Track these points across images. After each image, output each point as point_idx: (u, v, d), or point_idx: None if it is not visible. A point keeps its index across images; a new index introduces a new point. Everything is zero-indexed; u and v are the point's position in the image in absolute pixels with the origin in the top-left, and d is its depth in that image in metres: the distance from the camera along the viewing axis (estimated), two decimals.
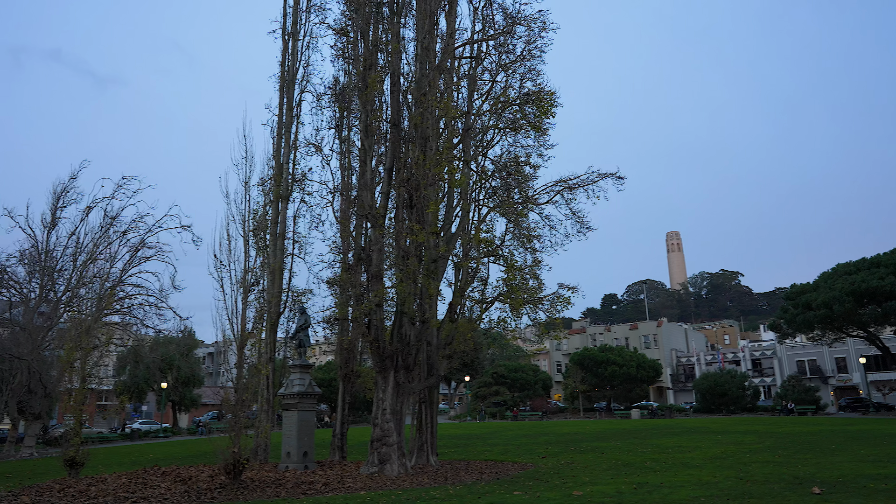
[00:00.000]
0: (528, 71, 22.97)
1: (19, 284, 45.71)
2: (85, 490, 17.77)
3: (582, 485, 15.71)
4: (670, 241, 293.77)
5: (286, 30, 30.34)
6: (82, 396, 23.83)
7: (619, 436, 35.04)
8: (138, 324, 46.49)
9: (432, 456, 22.50)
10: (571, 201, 21.96)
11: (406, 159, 22.44)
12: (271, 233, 28.22)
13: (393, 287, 21.85)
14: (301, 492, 16.42)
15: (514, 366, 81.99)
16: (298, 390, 22.41)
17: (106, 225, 44.04)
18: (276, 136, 29.42)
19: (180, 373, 67.06)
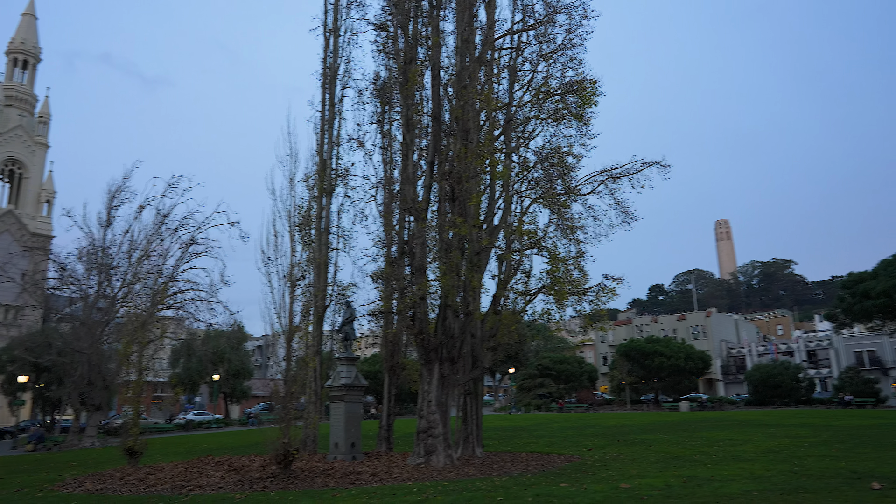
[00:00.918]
0: (570, 60, 22.72)
1: (78, 281, 47.61)
2: (144, 478, 18.49)
3: (629, 477, 15.56)
4: (719, 230, 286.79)
5: (327, 27, 30.64)
6: (139, 388, 24.72)
7: (667, 428, 34.50)
8: (190, 318, 47.88)
9: (478, 447, 22.58)
10: (615, 191, 21.65)
11: (447, 152, 22.47)
12: (316, 228, 28.64)
13: (436, 280, 21.96)
14: (349, 482, 16.71)
15: (559, 357, 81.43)
16: (345, 382, 22.77)
17: (158, 222, 45.40)
18: (319, 133, 29.79)
19: (231, 365, 68.78)
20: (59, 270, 49.12)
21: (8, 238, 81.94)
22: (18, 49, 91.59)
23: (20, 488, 18.54)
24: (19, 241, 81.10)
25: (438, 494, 13.78)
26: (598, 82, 21.51)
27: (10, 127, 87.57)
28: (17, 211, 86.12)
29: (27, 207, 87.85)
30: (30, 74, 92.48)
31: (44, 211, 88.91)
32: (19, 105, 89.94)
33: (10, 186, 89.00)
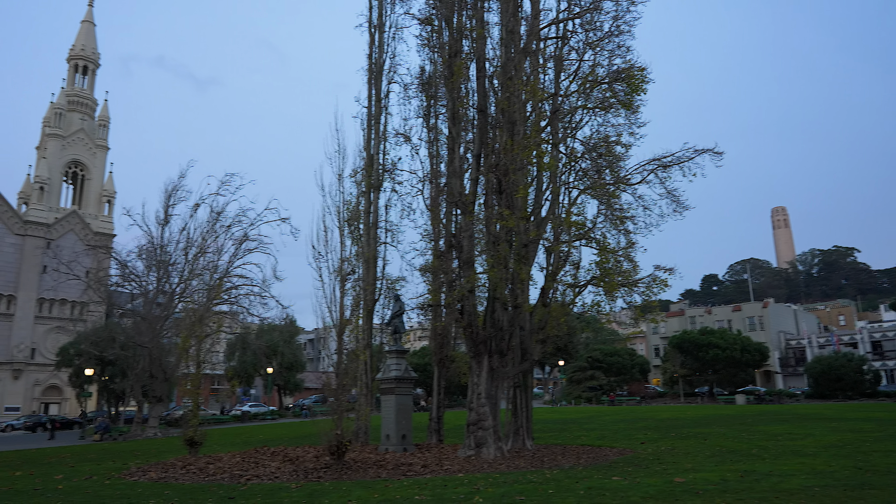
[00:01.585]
0: (617, 47, 22.31)
1: (139, 278, 49.47)
2: (204, 467, 19.13)
3: (684, 471, 15.29)
4: (776, 218, 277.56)
5: (372, 22, 30.87)
6: (198, 381, 25.56)
7: (722, 422, 33.70)
8: (245, 312, 49.25)
9: (528, 440, 22.54)
10: (666, 180, 21.21)
11: (494, 145, 22.40)
12: (364, 222, 28.98)
13: (484, 273, 21.95)
14: (401, 473, 16.93)
15: (609, 350, 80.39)
16: (395, 375, 23.03)
17: (212, 220, 46.80)
18: (366, 128, 30.09)
19: (284, 358, 70.35)
20: (120, 268, 51.13)
21: (73, 237, 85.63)
22: (79, 56, 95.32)
23: (89, 476, 19.45)
24: (83, 240, 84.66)
25: (489, 486, 13.83)
26: (646, 69, 21.10)
27: (72, 131, 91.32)
28: (81, 211, 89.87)
29: (90, 208, 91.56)
30: (89, 80, 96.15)
31: (105, 211, 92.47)
32: (81, 109, 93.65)
33: (73, 188, 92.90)
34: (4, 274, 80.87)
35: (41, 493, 15.95)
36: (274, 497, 13.39)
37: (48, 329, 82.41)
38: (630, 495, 12.03)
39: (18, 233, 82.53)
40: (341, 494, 13.41)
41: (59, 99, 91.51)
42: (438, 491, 13.48)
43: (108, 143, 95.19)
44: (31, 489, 16.78)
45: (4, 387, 78.70)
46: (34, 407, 79.65)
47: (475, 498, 12.30)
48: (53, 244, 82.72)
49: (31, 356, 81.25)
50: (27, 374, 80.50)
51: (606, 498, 11.83)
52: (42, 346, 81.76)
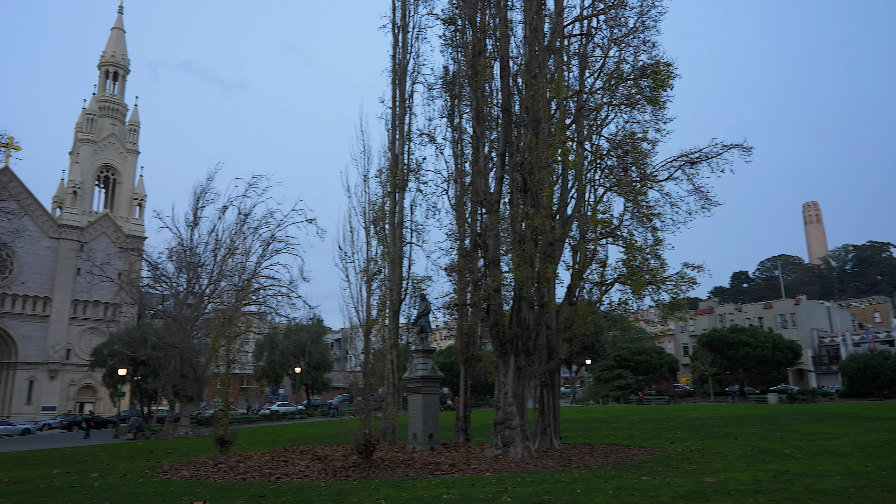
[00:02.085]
0: (643, 43, 22.11)
1: (169, 279, 50.35)
2: (234, 466, 19.41)
3: (715, 471, 15.09)
4: (808, 213, 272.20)
5: (395, 23, 30.99)
6: (228, 380, 25.93)
7: (754, 421, 33.17)
8: (272, 313, 49.86)
9: (556, 439, 22.45)
10: (694, 176, 20.96)
11: (518, 143, 22.34)
12: (390, 223, 29.12)
13: (510, 272, 21.91)
14: (429, 472, 16.98)
15: (637, 348, 79.62)
16: (422, 374, 23.11)
17: (240, 221, 47.43)
18: (391, 129, 30.23)
19: (311, 358, 71.01)
20: (151, 269, 52.12)
21: (105, 240, 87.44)
22: (109, 62, 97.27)
23: (124, 474, 19.85)
24: (115, 242, 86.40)
25: (517, 485, 13.81)
26: (672, 64, 20.89)
27: (104, 136, 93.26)
28: (113, 214, 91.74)
29: (121, 211, 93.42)
30: (120, 85, 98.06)
31: (136, 214, 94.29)
32: (112, 115, 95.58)
33: (105, 192, 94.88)
34: (40, 277, 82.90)
35: (78, 490, 16.33)
36: (304, 495, 13.53)
37: (82, 330, 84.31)
38: (660, 495, 11.91)
39: (53, 236, 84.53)
40: (370, 493, 13.50)
41: (90, 105, 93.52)
42: (466, 490, 13.50)
43: (138, 148, 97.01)
44: (68, 486, 17.19)
45: (41, 387, 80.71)
46: (70, 406, 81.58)
47: (503, 497, 12.29)
48: (87, 247, 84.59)
49: (67, 357, 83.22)
50: (63, 374, 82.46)
51: (636, 498, 11.73)
52: (77, 346, 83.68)
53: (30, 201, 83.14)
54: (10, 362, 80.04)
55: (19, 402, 78.61)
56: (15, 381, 79.27)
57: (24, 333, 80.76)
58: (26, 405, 78.57)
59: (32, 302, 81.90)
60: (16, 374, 79.48)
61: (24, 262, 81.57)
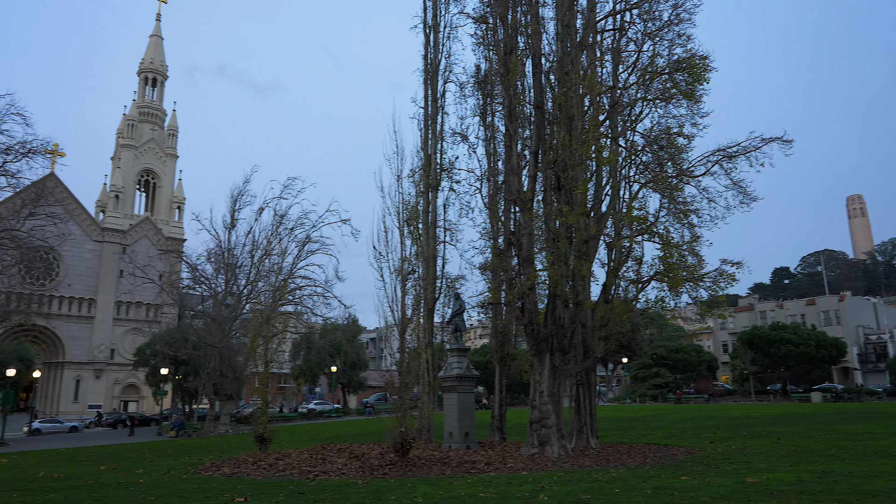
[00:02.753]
0: (677, 36, 21.78)
1: (208, 280, 51.38)
2: (274, 463, 19.74)
3: (757, 471, 14.80)
4: (852, 206, 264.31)
5: (427, 23, 31.11)
6: (266, 379, 26.36)
7: (797, 420, 32.40)
8: (308, 312, 50.54)
9: (592, 438, 22.28)
10: (732, 171, 20.60)
11: (551, 141, 22.22)
12: (423, 222, 29.25)
13: (544, 270, 21.80)
14: (465, 470, 17.02)
15: (674, 346, 78.41)
16: (457, 373, 23.16)
17: (276, 223, 48.17)
18: (423, 128, 30.35)
19: (347, 357, 71.69)
20: (191, 271, 53.30)
21: (146, 243, 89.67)
22: (148, 69, 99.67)
23: (167, 471, 20.36)
24: (156, 245, 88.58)
25: (554, 484, 13.75)
26: (708, 57, 20.53)
27: (143, 141, 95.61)
28: (153, 217, 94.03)
29: (161, 214, 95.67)
30: (158, 91, 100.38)
31: (175, 216, 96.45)
32: (151, 120, 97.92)
33: (146, 195, 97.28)
34: (85, 279, 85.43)
35: (124, 486, 16.81)
36: (342, 493, 13.69)
37: (126, 330, 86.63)
38: (700, 495, 11.74)
39: (97, 239, 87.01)
40: (407, 491, 13.59)
41: (130, 111, 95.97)
42: (503, 488, 13.49)
43: (176, 152, 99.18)
44: (115, 482, 17.71)
45: (87, 386, 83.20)
46: (114, 405, 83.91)
47: (540, 496, 12.25)
48: (129, 250, 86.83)
49: (111, 356, 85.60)
50: (107, 374, 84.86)
51: (675, 498, 11.58)
52: (120, 346, 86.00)
53: (74, 206, 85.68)
54: (58, 362, 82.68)
55: (66, 400, 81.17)
56: (62, 381, 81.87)
57: (71, 334, 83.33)
58: (73, 403, 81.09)
59: (78, 303, 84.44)
60: (63, 374, 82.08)
61: (69, 265, 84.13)
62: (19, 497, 15.29)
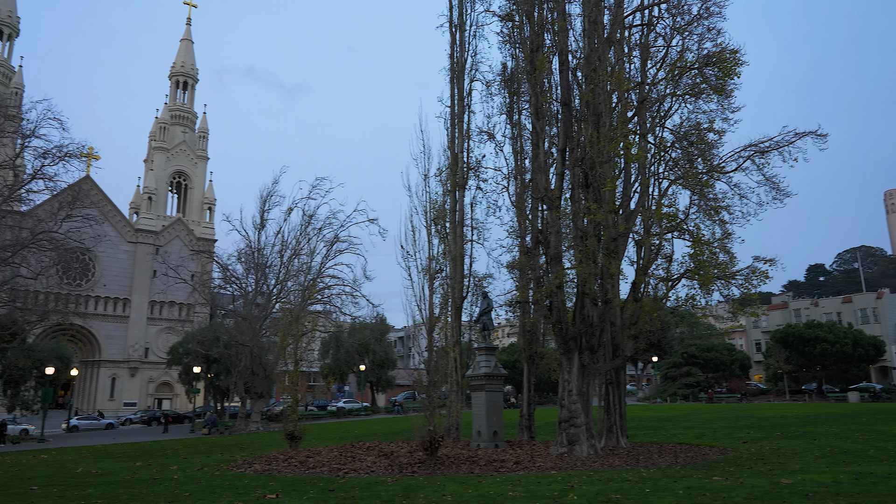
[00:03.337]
0: (707, 30, 21.45)
1: (239, 280, 52.12)
2: (304, 461, 19.97)
3: (791, 472, 14.53)
4: (890, 201, 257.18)
5: (453, 22, 31.10)
6: (296, 378, 26.66)
7: (833, 420, 31.70)
8: (337, 311, 50.96)
9: (622, 438, 22.09)
10: (764, 166, 20.22)
11: (579, 138, 22.06)
12: (450, 221, 29.27)
13: (572, 268, 21.67)
14: (494, 469, 17.02)
15: (706, 345, 77.22)
16: (485, 371, 23.14)
17: (305, 223, 48.67)
18: (450, 127, 30.37)
19: (375, 356, 72.13)
20: (222, 271, 54.12)
21: (179, 243, 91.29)
22: (179, 72, 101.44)
23: (201, 467, 20.74)
24: (188, 245, 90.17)
25: (583, 484, 13.67)
26: (739, 51, 20.20)
27: (175, 143, 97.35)
28: (185, 218, 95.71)
29: (193, 215, 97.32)
30: (189, 94, 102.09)
31: (206, 217, 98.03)
32: (182, 123, 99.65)
33: (177, 197, 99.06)
34: (120, 279, 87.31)
35: (159, 482, 17.16)
36: (371, 490, 13.79)
37: (159, 329, 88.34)
38: (733, 496, 11.57)
39: (131, 240, 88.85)
40: (436, 489, 13.64)
41: (162, 114, 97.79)
42: (532, 487, 13.46)
43: (207, 154, 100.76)
44: (150, 478, 18.09)
45: (123, 383, 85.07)
46: (149, 402, 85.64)
47: (569, 495, 12.19)
48: (162, 250, 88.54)
49: (145, 355, 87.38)
50: (142, 372, 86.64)
51: (707, 498, 11.43)
52: (154, 345, 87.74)
53: (109, 207, 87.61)
54: (95, 360, 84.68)
55: (103, 398, 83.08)
56: (99, 379, 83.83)
57: (107, 333, 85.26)
58: (109, 401, 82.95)
59: (113, 303, 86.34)
60: (99, 372, 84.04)
61: (105, 266, 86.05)
62: (59, 492, 15.71)
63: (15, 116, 45.87)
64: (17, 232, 43.97)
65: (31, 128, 39.48)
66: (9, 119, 43.71)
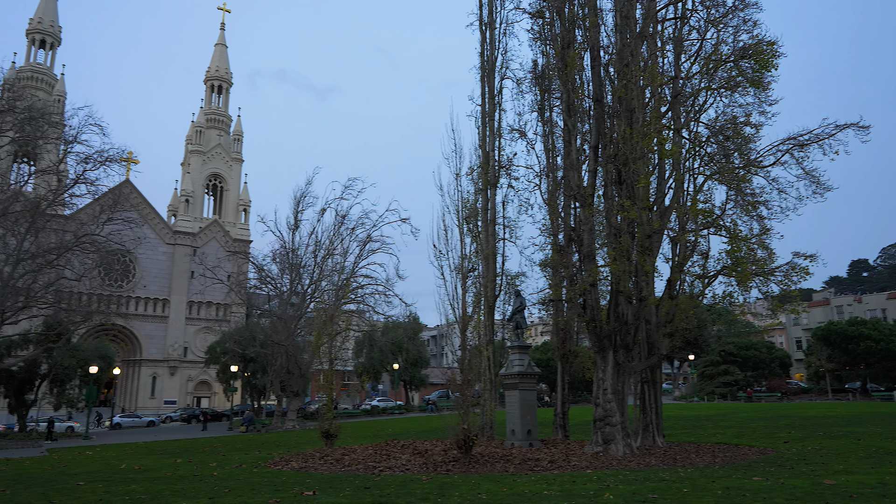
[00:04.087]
0: (743, 22, 21.06)
1: (274, 280, 52.89)
2: (340, 458, 20.19)
3: (835, 473, 14.18)
4: None
5: (482, 20, 31.04)
6: (331, 376, 26.94)
7: (879, 420, 30.81)
8: (370, 311, 51.37)
9: (658, 437, 21.82)
10: (803, 160, 19.79)
11: (612, 134, 21.84)
12: (482, 219, 29.25)
13: (606, 266, 21.47)
14: (528, 468, 16.97)
15: (744, 343, 75.73)
16: (518, 370, 23.08)
17: (338, 223, 49.16)
18: (481, 126, 30.32)
19: (409, 355, 72.50)
20: (257, 271, 54.97)
21: (215, 245, 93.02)
22: (214, 77, 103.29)
23: (239, 464, 21.12)
24: (224, 246, 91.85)
25: (619, 483, 13.56)
26: (776, 43, 19.78)
27: (211, 146, 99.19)
28: (221, 220, 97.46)
29: (228, 216, 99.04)
30: (224, 98, 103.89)
31: (242, 219, 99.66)
32: (217, 126, 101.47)
33: (213, 199, 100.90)
34: (159, 280, 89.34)
35: (199, 478, 17.54)
36: (407, 488, 13.88)
37: (197, 329, 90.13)
38: (773, 497, 11.35)
39: (169, 242, 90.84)
40: (471, 487, 13.66)
41: (198, 118, 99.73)
42: (567, 486, 13.39)
43: (242, 156, 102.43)
44: (191, 475, 18.50)
45: (163, 382, 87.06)
46: (188, 400, 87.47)
47: (605, 494, 12.10)
48: (199, 251, 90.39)
49: (184, 354, 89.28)
50: (181, 371, 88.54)
51: (747, 499, 11.23)
52: (193, 344, 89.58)
53: (148, 210, 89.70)
54: (136, 360, 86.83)
55: (144, 396, 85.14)
56: (140, 377, 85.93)
57: (147, 333, 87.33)
58: (150, 399, 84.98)
59: (153, 303, 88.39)
60: (140, 371, 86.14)
61: (145, 267, 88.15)
62: (104, 487, 16.17)
63: (58, 123, 47.39)
64: (61, 235, 45.36)
65: (73, 134, 40.80)
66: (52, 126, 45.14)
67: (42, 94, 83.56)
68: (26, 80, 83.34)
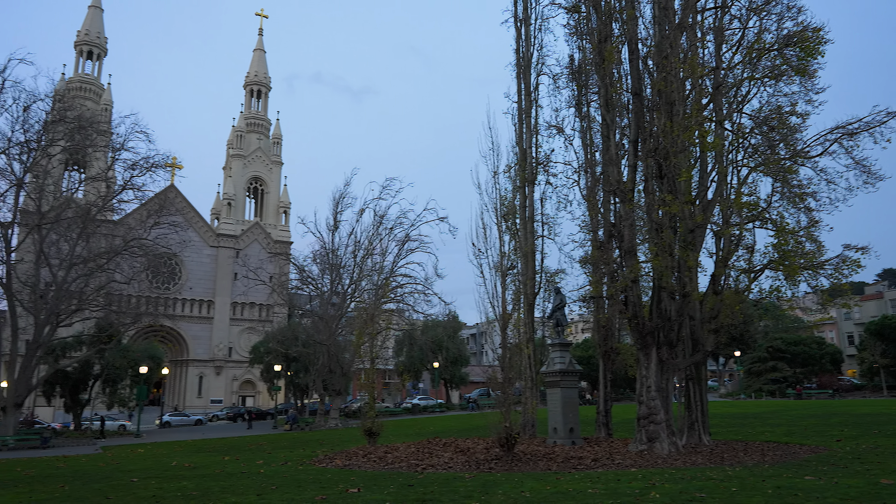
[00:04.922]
0: (787, 9, 20.50)
1: (314, 281, 53.61)
2: (383, 456, 20.38)
3: (891, 473, 13.71)
4: None
5: (517, 16, 30.93)
6: (373, 375, 27.20)
7: None
8: (410, 310, 51.63)
9: (704, 435, 21.41)
10: (853, 149, 19.16)
11: (651, 128, 21.51)
12: (521, 217, 29.14)
13: (648, 262, 21.16)
14: (571, 466, 16.86)
15: (792, 338, 73.65)
16: (560, 368, 22.94)
17: (376, 223, 49.56)
18: (517, 123, 30.22)
19: (449, 353, 72.59)
20: (298, 272, 55.83)
21: (257, 247, 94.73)
22: (253, 82, 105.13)
23: (285, 462, 21.51)
24: (266, 248, 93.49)
25: (665, 482, 13.36)
26: (823, 29, 19.18)
27: (251, 150, 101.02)
28: (262, 222, 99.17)
29: (269, 218, 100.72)
30: (263, 102, 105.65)
31: (282, 220, 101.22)
32: (257, 130, 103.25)
33: (254, 201, 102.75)
34: (204, 282, 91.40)
35: (247, 475, 17.92)
36: (450, 486, 13.94)
37: (241, 329, 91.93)
38: (827, 496, 11.03)
39: (213, 245, 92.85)
40: (514, 485, 13.64)
41: (238, 122, 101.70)
42: (612, 485, 13.27)
43: (281, 159, 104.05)
44: (238, 472, 18.92)
45: (209, 382, 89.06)
46: (233, 399, 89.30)
47: (651, 493, 11.95)
48: (241, 253, 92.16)
49: (229, 354, 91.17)
50: (226, 371, 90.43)
51: (799, 498, 10.95)
52: (237, 345, 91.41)
53: (192, 214, 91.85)
54: (183, 360, 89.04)
55: (191, 395, 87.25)
56: (187, 377, 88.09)
57: (193, 334, 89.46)
58: (197, 398, 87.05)
59: (199, 305, 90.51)
60: (188, 371, 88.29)
61: (190, 270, 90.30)
62: (157, 483, 16.66)
63: (106, 131, 48.94)
64: (110, 240, 46.86)
65: (120, 141, 42.14)
66: (101, 134, 46.66)
67: (90, 103, 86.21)
68: (75, 91, 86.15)
